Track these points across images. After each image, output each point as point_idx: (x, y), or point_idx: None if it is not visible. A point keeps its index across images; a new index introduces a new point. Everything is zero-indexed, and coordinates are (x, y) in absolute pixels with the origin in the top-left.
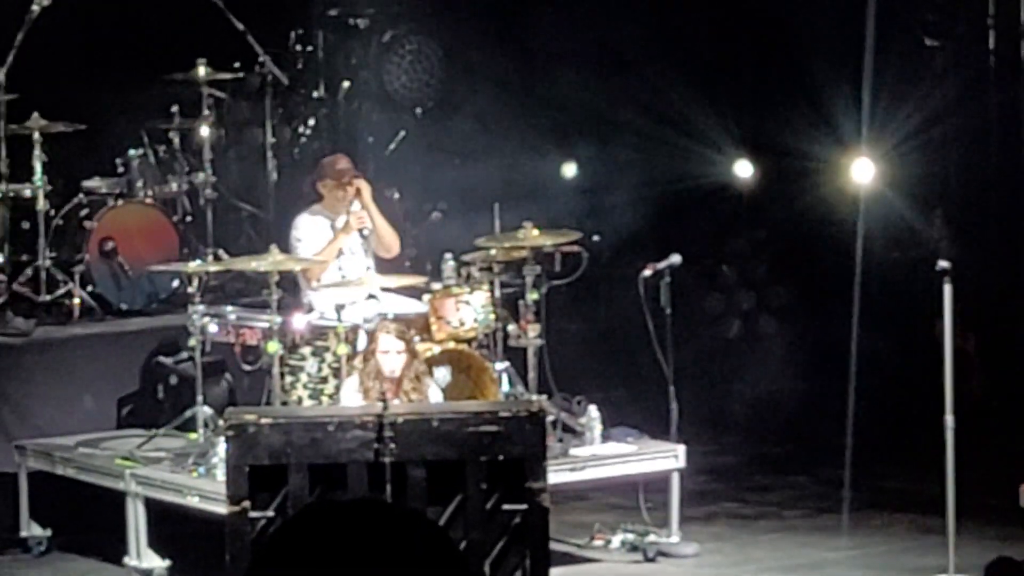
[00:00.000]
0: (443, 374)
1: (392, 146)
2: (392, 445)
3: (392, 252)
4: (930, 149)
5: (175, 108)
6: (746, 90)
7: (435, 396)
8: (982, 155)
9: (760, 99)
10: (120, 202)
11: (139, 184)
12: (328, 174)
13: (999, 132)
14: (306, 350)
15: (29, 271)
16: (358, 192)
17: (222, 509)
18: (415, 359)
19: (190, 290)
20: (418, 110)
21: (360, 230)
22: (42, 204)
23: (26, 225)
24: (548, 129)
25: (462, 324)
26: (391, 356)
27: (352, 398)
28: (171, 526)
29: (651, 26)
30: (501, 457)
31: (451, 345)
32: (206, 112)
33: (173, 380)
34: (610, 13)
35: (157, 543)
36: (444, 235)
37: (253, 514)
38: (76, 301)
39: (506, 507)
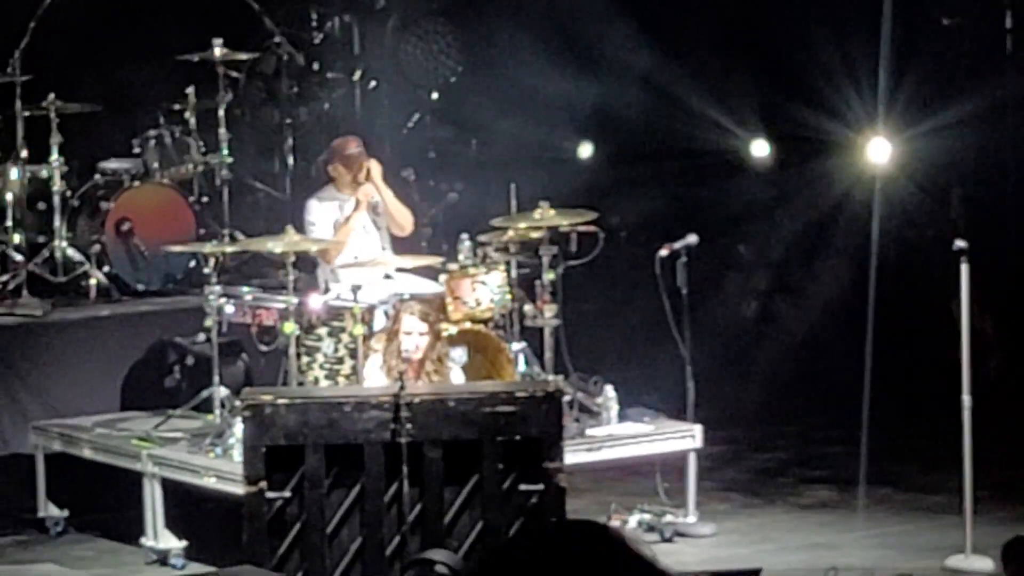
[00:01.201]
0: (459, 354)
1: (408, 127)
2: (409, 425)
3: (405, 230)
4: (947, 128)
5: (191, 89)
6: (763, 70)
7: (457, 378)
8: (999, 134)
9: (777, 79)
10: (136, 183)
11: (155, 165)
12: (339, 158)
13: (1016, 111)
14: (322, 330)
15: (45, 252)
16: (368, 173)
17: (239, 489)
18: (439, 341)
19: (206, 271)
20: (434, 91)
21: (372, 206)
22: (58, 185)
23: (42, 206)
24: (564, 109)
25: (478, 304)
26: (413, 337)
27: (375, 376)
28: (188, 506)
29: (668, 6)
30: (518, 437)
31: (467, 325)
32: (222, 92)
33: (189, 361)
34: None
35: (174, 523)
36: (460, 215)
37: (270, 494)
38: (92, 282)
39: (522, 487)
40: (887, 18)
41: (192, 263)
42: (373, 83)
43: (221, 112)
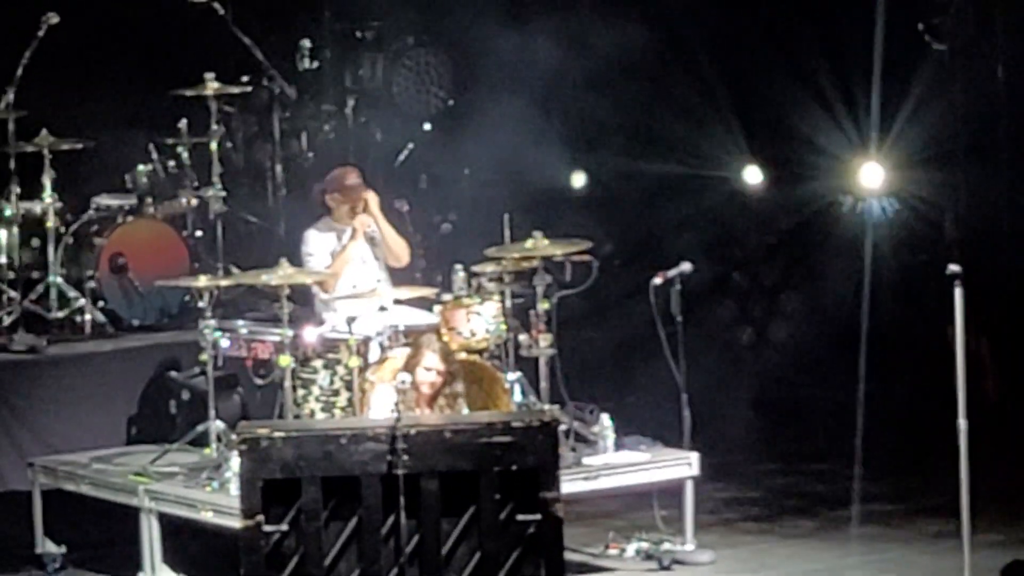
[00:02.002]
0: (458, 387)
1: (401, 158)
2: (405, 457)
3: (402, 261)
4: (939, 152)
5: (183, 123)
6: (754, 96)
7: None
8: (992, 157)
9: (768, 105)
10: (130, 218)
11: (148, 199)
12: (336, 188)
13: (1009, 134)
14: (318, 363)
15: (40, 288)
16: (366, 204)
17: (236, 523)
18: (455, 380)
19: (201, 305)
20: (426, 122)
21: (369, 237)
22: (52, 221)
23: (36, 242)
24: (557, 139)
25: (473, 335)
26: (431, 374)
27: (385, 406)
28: (185, 541)
29: (659, 33)
30: (514, 467)
31: (463, 356)
32: (215, 126)
33: (185, 395)
34: (618, 21)
35: (171, 558)
36: (454, 246)
37: (267, 528)
38: (87, 317)
39: (520, 517)
40: (878, 43)
41: (187, 297)
42: (365, 115)
43: (214, 146)
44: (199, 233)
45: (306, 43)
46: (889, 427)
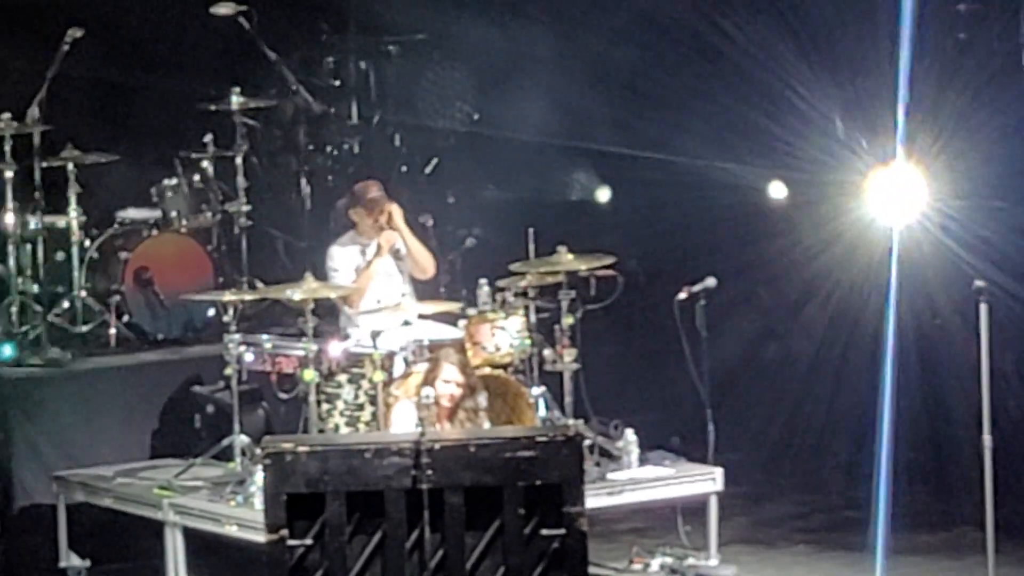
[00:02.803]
0: (481, 399)
1: (426, 172)
2: (430, 471)
3: (428, 273)
4: (965, 167)
5: (209, 137)
6: (779, 110)
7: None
8: (1018, 171)
9: (793, 118)
10: (155, 232)
11: (173, 214)
12: (360, 202)
13: None
14: (342, 377)
15: (65, 302)
16: (390, 217)
17: (260, 538)
18: (475, 393)
19: (226, 319)
20: (451, 136)
21: (395, 251)
22: (77, 235)
23: (61, 256)
24: (582, 153)
25: (498, 349)
26: (450, 387)
27: (407, 421)
28: (209, 555)
29: (683, 47)
30: (539, 482)
31: (487, 370)
32: (240, 141)
33: (210, 409)
34: (640, 36)
35: (195, 572)
36: (478, 261)
37: (291, 542)
38: (112, 331)
39: (544, 532)
40: (905, 55)
41: (211, 311)
42: (390, 129)
43: (239, 160)
44: (224, 247)
45: (331, 57)
46: (913, 442)
